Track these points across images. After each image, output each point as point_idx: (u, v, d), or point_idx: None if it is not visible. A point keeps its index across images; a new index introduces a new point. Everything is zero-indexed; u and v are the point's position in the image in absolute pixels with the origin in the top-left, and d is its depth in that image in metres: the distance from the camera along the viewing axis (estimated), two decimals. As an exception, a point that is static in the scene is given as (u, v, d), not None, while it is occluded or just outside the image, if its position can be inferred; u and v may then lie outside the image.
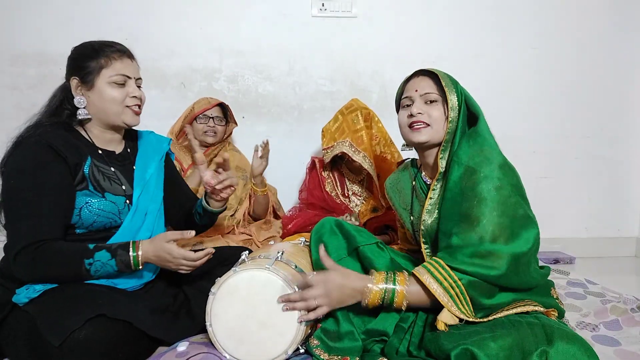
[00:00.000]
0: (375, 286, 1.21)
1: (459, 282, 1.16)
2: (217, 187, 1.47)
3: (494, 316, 1.18)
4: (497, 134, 1.39)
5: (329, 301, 1.21)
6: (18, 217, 1.23)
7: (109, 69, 1.34)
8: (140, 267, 1.28)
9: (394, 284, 1.21)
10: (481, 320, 1.17)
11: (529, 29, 2.68)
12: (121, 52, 1.37)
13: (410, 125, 1.39)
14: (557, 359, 0.99)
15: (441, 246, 1.29)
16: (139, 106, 1.41)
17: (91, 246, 1.26)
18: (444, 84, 1.35)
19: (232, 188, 1.52)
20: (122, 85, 1.36)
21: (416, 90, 1.39)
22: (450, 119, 1.35)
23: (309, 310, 1.21)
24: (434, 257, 1.24)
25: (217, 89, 2.58)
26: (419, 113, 1.36)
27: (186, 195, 1.67)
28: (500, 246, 1.18)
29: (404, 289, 1.20)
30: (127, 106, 1.37)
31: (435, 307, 1.20)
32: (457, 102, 1.35)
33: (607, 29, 2.71)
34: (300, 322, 1.21)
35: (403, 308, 1.22)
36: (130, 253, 1.26)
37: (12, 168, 1.26)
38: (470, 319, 1.17)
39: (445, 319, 1.16)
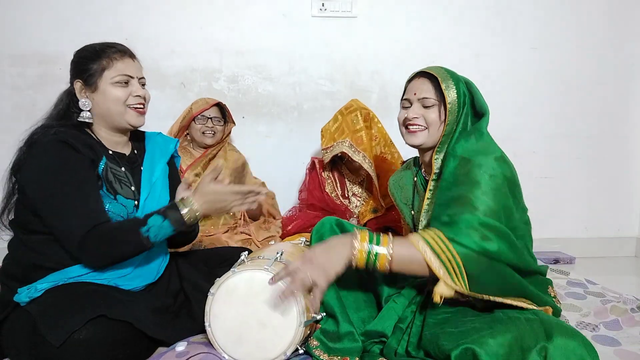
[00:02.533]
0: (360, 244, 1.16)
1: (457, 257, 1.13)
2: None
3: (487, 297, 1.16)
4: (497, 134, 1.39)
5: (319, 269, 1.15)
6: (66, 212, 1.23)
7: (111, 69, 1.34)
8: (198, 218, 1.28)
9: (377, 244, 1.16)
10: (474, 295, 1.15)
11: (529, 29, 2.68)
12: (122, 52, 1.37)
13: (406, 127, 1.41)
14: (557, 354, 0.99)
15: (432, 226, 1.26)
16: (143, 105, 1.40)
17: (141, 216, 1.28)
18: (443, 87, 1.34)
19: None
20: (126, 85, 1.36)
21: (415, 94, 1.40)
22: (447, 122, 1.34)
23: (306, 289, 1.16)
24: (431, 227, 1.21)
25: (217, 89, 2.58)
26: (415, 117, 1.38)
27: None
28: (494, 221, 1.17)
29: (386, 250, 1.15)
30: (130, 105, 1.36)
31: (422, 274, 1.17)
32: (456, 105, 1.35)
33: (607, 29, 2.71)
34: (303, 315, 1.18)
35: (386, 271, 1.18)
36: (182, 211, 1.25)
37: (39, 168, 1.26)
38: (464, 292, 1.14)
39: (443, 291, 1.13)
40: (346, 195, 2.31)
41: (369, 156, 2.13)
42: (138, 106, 1.38)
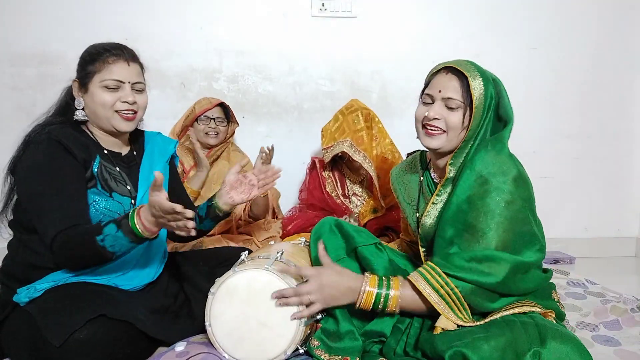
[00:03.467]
0: (370, 289, 1.20)
1: (456, 290, 1.14)
2: (263, 180, 1.53)
3: (491, 317, 1.17)
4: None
5: (323, 297, 1.20)
6: (45, 212, 1.23)
7: (102, 73, 1.33)
8: (145, 234, 1.16)
9: (388, 289, 1.20)
10: (478, 323, 1.16)
11: (529, 29, 2.68)
12: (117, 55, 1.35)
13: (424, 126, 1.30)
14: (550, 359, 0.99)
15: (438, 251, 1.26)
16: (133, 111, 1.37)
17: (103, 223, 1.21)
18: (472, 86, 1.22)
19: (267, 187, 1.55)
20: (115, 89, 1.34)
21: (439, 91, 1.27)
22: (470, 127, 1.25)
23: (302, 305, 1.20)
24: (429, 263, 1.22)
25: (217, 89, 2.58)
26: (436, 118, 1.27)
27: (182, 202, 1.65)
28: (502, 253, 1.16)
29: (397, 293, 1.19)
30: (117, 111, 1.35)
31: (430, 313, 1.19)
32: (482, 109, 1.24)
33: (607, 29, 2.71)
34: (294, 319, 1.21)
35: (396, 312, 1.21)
36: (129, 221, 1.16)
37: (28, 167, 1.27)
38: (468, 324, 1.16)
39: (444, 324, 1.15)
40: (347, 194, 2.30)
41: (370, 156, 2.13)
42: (126, 113, 1.36)
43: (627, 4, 2.71)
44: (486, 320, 1.17)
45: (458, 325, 1.16)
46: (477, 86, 1.23)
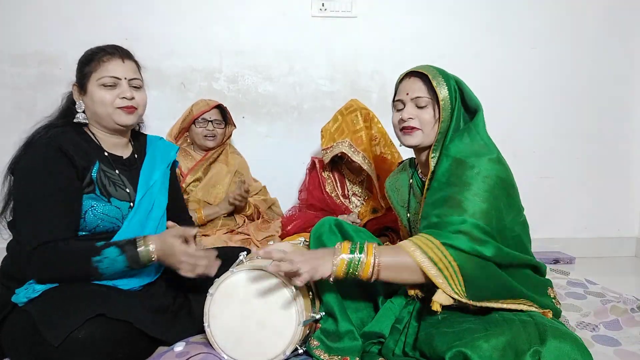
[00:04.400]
0: (342, 255, 1.17)
1: (454, 263, 1.13)
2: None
3: (487, 304, 1.16)
4: (497, 134, 1.39)
5: (308, 265, 1.16)
6: (28, 218, 1.24)
7: (98, 71, 1.35)
8: (152, 261, 1.26)
9: (360, 253, 1.17)
10: (474, 303, 1.15)
11: (529, 29, 2.67)
12: (111, 54, 1.36)
13: (402, 129, 1.40)
14: (550, 357, 0.99)
15: (421, 227, 1.26)
16: (133, 107, 1.38)
17: (99, 244, 1.25)
18: (434, 84, 1.33)
19: None
20: (112, 87, 1.35)
21: (407, 94, 1.39)
22: (442, 119, 1.34)
23: (292, 275, 1.17)
24: (422, 234, 1.19)
25: (217, 89, 2.58)
26: (410, 118, 1.37)
27: (179, 208, 1.66)
28: (483, 223, 1.17)
29: (371, 259, 1.16)
30: (118, 107, 1.36)
31: (413, 282, 1.18)
32: (449, 102, 1.34)
33: (607, 29, 2.71)
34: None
35: (371, 280, 1.18)
36: (139, 248, 1.25)
37: (23, 169, 1.28)
38: (463, 300, 1.14)
39: (441, 299, 1.13)
40: (346, 194, 2.30)
41: (369, 156, 2.13)
42: (126, 108, 1.37)
43: (626, 4, 2.70)
44: (482, 304, 1.16)
45: (454, 300, 1.14)
46: (438, 82, 1.34)
